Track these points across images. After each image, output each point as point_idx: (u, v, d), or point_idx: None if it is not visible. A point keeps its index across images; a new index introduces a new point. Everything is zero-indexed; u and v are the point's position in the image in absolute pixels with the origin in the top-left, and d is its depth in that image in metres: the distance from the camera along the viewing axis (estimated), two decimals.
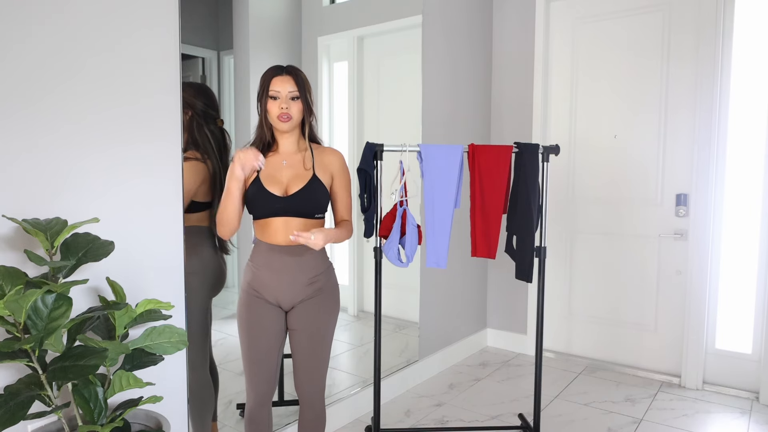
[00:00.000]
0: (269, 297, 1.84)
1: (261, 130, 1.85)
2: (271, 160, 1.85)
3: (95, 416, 1.43)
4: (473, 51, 3.57)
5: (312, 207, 1.82)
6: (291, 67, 1.83)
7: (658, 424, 2.69)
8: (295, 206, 1.79)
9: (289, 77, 1.79)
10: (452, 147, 2.25)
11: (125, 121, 1.70)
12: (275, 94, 1.78)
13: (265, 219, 1.81)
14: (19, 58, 1.46)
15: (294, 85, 1.78)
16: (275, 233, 1.81)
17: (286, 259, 1.82)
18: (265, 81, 1.80)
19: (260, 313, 1.83)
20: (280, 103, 1.77)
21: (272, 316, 1.85)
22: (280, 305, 1.86)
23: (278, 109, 1.77)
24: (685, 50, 3.09)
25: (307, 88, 1.82)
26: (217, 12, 2.16)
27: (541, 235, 2.36)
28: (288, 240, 1.80)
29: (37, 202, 1.51)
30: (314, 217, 1.84)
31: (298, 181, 1.82)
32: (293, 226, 1.81)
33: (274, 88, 1.78)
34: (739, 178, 3.00)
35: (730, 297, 3.06)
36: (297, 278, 1.83)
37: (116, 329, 1.50)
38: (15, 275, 1.34)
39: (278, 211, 1.79)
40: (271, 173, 1.82)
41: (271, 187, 1.80)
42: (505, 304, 3.83)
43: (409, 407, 2.89)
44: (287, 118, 1.77)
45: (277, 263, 1.81)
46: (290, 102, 1.78)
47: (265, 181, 1.81)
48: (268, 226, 1.81)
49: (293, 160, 1.85)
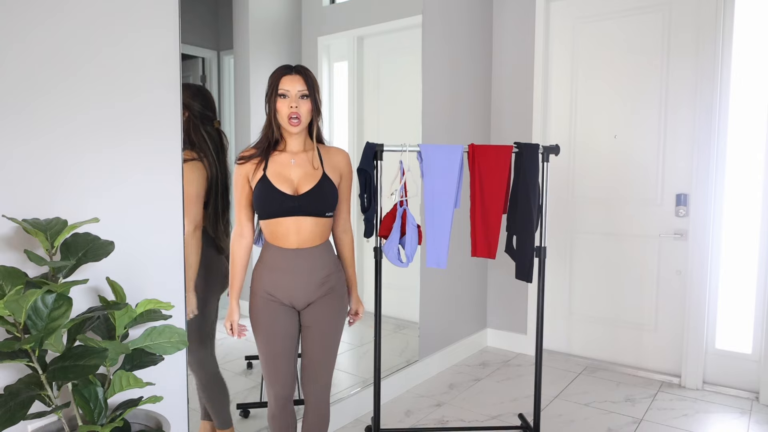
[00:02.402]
0: (283, 298, 1.84)
1: (268, 129, 1.83)
2: (278, 158, 1.83)
3: (95, 416, 1.43)
4: (473, 51, 3.57)
5: (324, 206, 1.81)
6: (300, 67, 1.82)
7: (658, 424, 2.69)
8: (307, 206, 1.79)
9: (298, 76, 1.78)
10: (452, 147, 2.25)
11: (125, 121, 1.70)
12: (285, 93, 1.77)
13: (275, 219, 1.80)
14: (19, 58, 1.46)
15: (303, 84, 1.78)
16: (286, 234, 1.80)
17: (298, 261, 1.81)
18: (275, 80, 1.79)
19: (276, 316, 1.84)
20: (289, 102, 1.76)
21: (287, 318, 1.85)
22: (293, 305, 1.86)
23: (288, 109, 1.76)
24: (685, 50, 3.09)
25: (315, 87, 1.81)
26: (217, 12, 2.16)
27: (541, 235, 2.36)
28: (299, 241, 1.80)
29: (37, 202, 1.51)
30: (325, 215, 1.83)
31: (309, 180, 1.81)
32: (305, 227, 1.80)
33: (284, 87, 1.77)
34: (739, 178, 3.00)
35: (730, 297, 3.06)
36: (311, 279, 1.83)
37: (116, 329, 1.50)
38: (15, 275, 1.34)
39: (290, 211, 1.78)
40: (279, 171, 1.81)
41: (281, 185, 1.78)
42: (505, 304, 3.83)
43: (409, 407, 2.89)
44: (297, 122, 1.76)
45: (290, 265, 1.81)
46: (299, 101, 1.77)
47: (274, 179, 1.79)
48: (279, 226, 1.80)
49: (301, 159, 1.84)
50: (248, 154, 1.83)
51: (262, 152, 1.81)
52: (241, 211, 1.88)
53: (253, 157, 1.82)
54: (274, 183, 1.78)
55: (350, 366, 2.93)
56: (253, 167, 1.82)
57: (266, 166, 1.80)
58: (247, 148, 1.86)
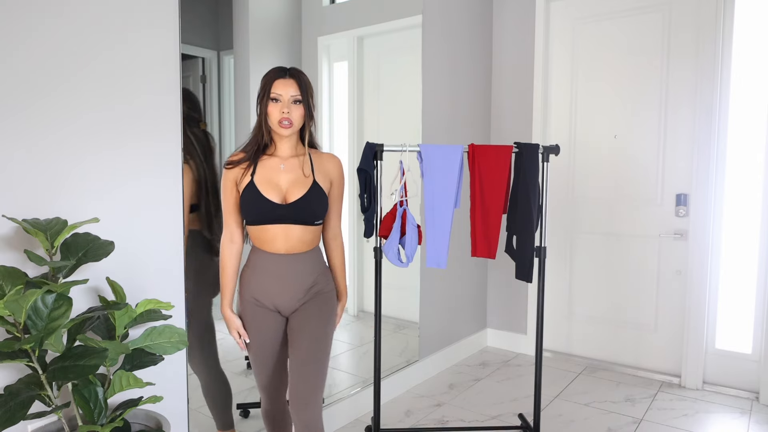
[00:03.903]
0: (269, 304, 1.82)
1: (258, 131, 1.79)
2: (267, 163, 1.78)
3: (95, 416, 1.43)
4: (473, 51, 3.57)
5: (313, 214, 1.78)
6: (294, 70, 1.77)
7: (658, 424, 2.69)
8: (295, 214, 1.75)
9: (292, 80, 1.73)
10: (452, 147, 2.25)
11: (125, 122, 1.70)
12: (277, 97, 1.72)
13: (262, 225, 1.76)
14: (19, 58, 1.46)
15: (297, 89, 1.73)
16: (273, 240, 1.76)
17: (285, 267, 1.78)
18: (267, 83, 1.74)
19: (262, 321, 1.82)
20: (281, 106, 1.72)
21: (274, 323, 1.83)
22: (279, 311, 1.84)
23: (279, 113, 1.71)
24: (685, 50, 3.09)
25: (309, 92, 1.76)
26: (217, 12, 2.16)
27: (541, 235, 2.36)
28: (287, 247, 1.77)
29: (37, 202, 1.51)
30: (314, 224, 1.80)
31: (299, 187, 1.76)
32: (293, 234, 1.77)
33: (276, 90, 1.72)
34: (739, 178, 3.00)
35: (730, 297, 3.06)
36: (297, 285, 1.80)
37: (116, 329, 1.50)
38: (15, 275, 1.34)
39: (278, 219, 1.74)
40: (267, 177, 1.76)
41: (269, 192, 1.74)
42: (505, 304, 3.83)
43: (409, 407, 2.89)
44: (288, 124, 1.72)
45: (276, 271, 1.78)
46: (292, 106, 1.73)
47: (262, 186, 1.75)
48: (265, 233, 1.76)
49: (291, 164, 1.79)
50: (237, 158, 1.78)
51: (251, 156, 1.77)
52: (229, 217, 1.83)
53: (242, 162, 1.77)
54: (262, 190, 1.74)
55: (350, 366, 2.93)
56: (241, 172, 1.77)
57: (254, 171, 1.75)
58: (235, 152, 1.81)
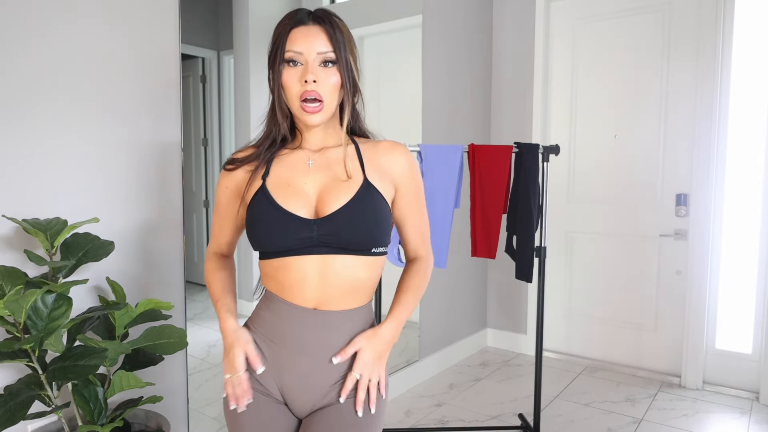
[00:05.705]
0: (276, 392, 1.10)
1: (272, 117, 1.13)
2: (287, 159, 1.13)
3: (95, 416, 1.43)
4: (473, 51, 3.57)
5: (366, 235, 1.07)
6: (322, 12, 1.10)
7: (658, 424, 2.69)
8: (336, 236, 1.05)
9: (319, 29, 1.07)
10: (452, 147, 2.25)
11: (125, 122, 1.70)
12: (295, 57, 1.06)
13: (282, 258, 1.07)
14: (19, 59, 1.46)
15: (327, 42, 1.06)
16: (300, 282, 1.06)
17: (314, 332, 1.07)
18: (279, 35, 1.08)
19: (265, 414, 1.08)
20: (302, 72, 1.05)
21: (279, 425, 1.10)
22: (291, 407, 1.11)
23: (299, 84, 1.05)
24: (685, 50, 3.09)
25: (349, 46, 1.10)
26: (217, 12, 2.16)
27: (541, 235, 2.36)
28: (320, 297, 1.07)
29: (37, 202, 1.51)
30: (371, 253, 1.10)
31: (339, 192, 1.07)
32: (333, 272, 1.06)
33: (294, 47, 1.05)
34: (739, 178, 3.00)
35: (730, 297, 3.06)
36: (329, 369, 1.08)
37: (116, 329, 1.50)
38: (15, 275, 1.35)
39: (306, 244, 1.05)
40: (286, 179, 1.10)
41: (289, 201, 1.07)
42: (505, 304, 3.83)
43: (409, 407, 2.89)
44: (318, 106, 1.05)
45: (298, 336, 1.07)
46: (320, 71, 1.06)
47: (277, 192, 1.08)
48: (287, 269, 1.06)
49: (325, 158, 1.12)
50: (242, 155, 1.15)
51: (262, 153, 1.12)
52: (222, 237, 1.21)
53: (248, 161, 1.13)
54: (278, 198, 1.07)
55: None
56: (248, 176, 1.12)
57: (267, 171, 1.11)
58: (243, 147, 1.19)
